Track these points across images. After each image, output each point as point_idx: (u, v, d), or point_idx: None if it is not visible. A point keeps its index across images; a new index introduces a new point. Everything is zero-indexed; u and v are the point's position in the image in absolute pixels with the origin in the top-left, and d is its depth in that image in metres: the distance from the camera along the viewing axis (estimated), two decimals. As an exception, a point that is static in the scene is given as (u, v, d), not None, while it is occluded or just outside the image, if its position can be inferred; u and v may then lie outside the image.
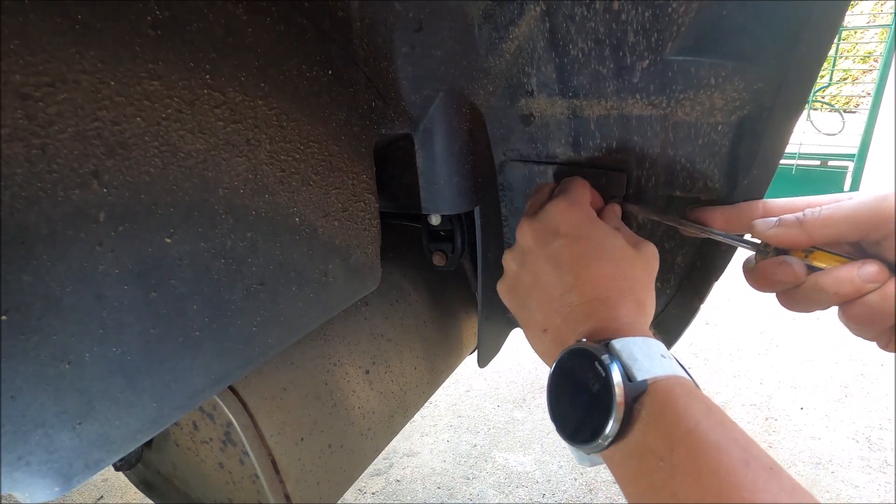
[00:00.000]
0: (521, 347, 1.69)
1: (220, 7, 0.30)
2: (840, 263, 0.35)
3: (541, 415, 1.60)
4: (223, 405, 0.42)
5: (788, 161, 3.00)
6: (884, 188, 0.34)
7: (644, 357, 0.30)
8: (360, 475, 0.55)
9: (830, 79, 3.18)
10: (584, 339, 0.33)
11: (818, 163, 3.14)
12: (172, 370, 0.31)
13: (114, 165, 0.26)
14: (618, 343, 0.31)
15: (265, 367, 0.46)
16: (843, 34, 3.30)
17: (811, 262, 0.36)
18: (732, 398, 1.63)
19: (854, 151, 3.01)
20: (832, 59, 3.20)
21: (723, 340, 1.96)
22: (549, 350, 0.37)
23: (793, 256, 0.36)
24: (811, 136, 2.99)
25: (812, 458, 1.38)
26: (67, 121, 0.24)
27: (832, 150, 3.13)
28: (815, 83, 0.37)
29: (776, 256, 0.37)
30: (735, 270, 0.48)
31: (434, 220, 0.56)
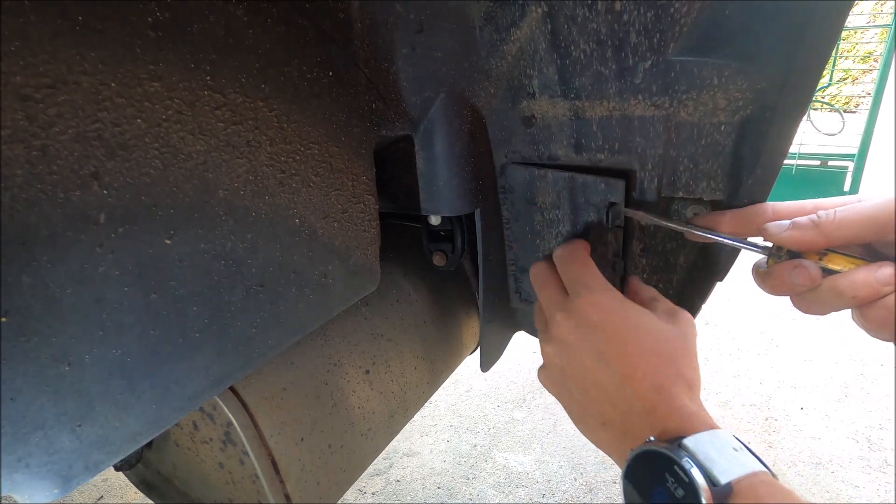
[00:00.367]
0: (521, 348, 1.69)
1: (221, 8, 0.29)
2: (854, 265, 0.34)
3: (541, 415, 1.60)
4: (223, 405, 0.42)
5: (789, 161, 3.01)
6: (888, 189, 0.34)
7: (719, 455, 0.30)
8: (361, 475, 0.55)
9: (830, 79, 3.19)
10: (653, 438, 0.33)
11: (818, 163, 3.14)
12: (172, 371, 0.31)
13: (114, 167, 0.26)
14: (690, 442, 0.31)
15: (265, 368, 0.46)
16: (844, 34, 3.30)
17: (826, 265, 0.35)
18: (732, 398, 1.64)
19: (854, 151, 3.02)
20: (832, 59, 3.20)
21: (723, 340, 1.96)
22: (613, 445, 0.38)
23: (807, 259, 0.36)
24: (811, 136, 3.00)
25: (812, 458, 1.38)
26: (68, 122, 0.24)
27: (832, 151, 3.13)
28: (819, 83, 0.37)
29: (790, 260, 0.37)
30: (734, 270, 0.48)
31: (434, 221, 0.56)
